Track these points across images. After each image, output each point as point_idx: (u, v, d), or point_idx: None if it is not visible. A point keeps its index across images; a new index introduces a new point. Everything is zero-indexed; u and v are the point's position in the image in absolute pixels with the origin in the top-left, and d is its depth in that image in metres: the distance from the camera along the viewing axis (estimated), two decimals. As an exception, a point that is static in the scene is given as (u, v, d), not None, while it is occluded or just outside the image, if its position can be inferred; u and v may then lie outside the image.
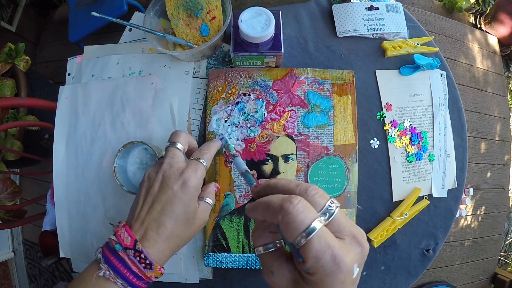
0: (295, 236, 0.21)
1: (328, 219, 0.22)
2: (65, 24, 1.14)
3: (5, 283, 1.30)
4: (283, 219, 0.21)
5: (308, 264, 0.21)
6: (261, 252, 0.26)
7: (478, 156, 1.36)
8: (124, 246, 0.29)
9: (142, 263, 0.28)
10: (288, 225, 0.21)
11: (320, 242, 0.20)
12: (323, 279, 0.20)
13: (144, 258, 0.28)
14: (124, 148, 0.40)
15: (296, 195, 0.22)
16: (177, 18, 0.43)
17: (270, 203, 0.23)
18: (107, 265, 0.28)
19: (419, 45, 0.49)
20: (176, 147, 0.34)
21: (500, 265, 1.41)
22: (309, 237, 0.20)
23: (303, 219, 0.21)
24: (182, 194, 0.31)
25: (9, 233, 1.36)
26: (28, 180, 1.38)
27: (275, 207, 0.22)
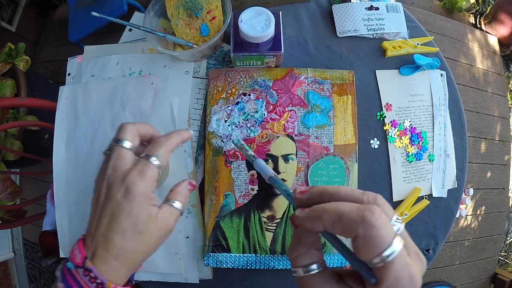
0: (375, 255, 0.18)
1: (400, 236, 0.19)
2: (65, 24, 1.14)
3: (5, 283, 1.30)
4: (365, 233, 0.18)
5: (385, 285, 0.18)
6: (301, 274, 0.21)
7: (478, 156, 1.36)
8: (75, 264, 0.25)
9: (93, 283, 0.25)
10: (370, 241, 0.18)
11: (401, 263, 0.18)
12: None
13: (94, 277, 0.25)
14: None
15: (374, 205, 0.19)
16: (177, 18, 0.43)
17: (345, 212, 0.19)
18: (63, 283, 0.25)
19: (419, 45, 0.49)
20: (121, 146, 0.28)
21: (500, 265, 1.41)
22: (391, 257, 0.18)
23: (386, 235, 0.18)
24: (126, 204, 0.26)
25: (9, 233, 1.36)
26: (28, 180, 1.38)
27: (353, 218, 0.18)
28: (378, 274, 0.19)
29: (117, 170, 0.27)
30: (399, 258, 0.18)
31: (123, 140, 0.29)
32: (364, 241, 0.18)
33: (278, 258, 0.42)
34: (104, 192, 0.27)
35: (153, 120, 0.45)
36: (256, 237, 0.42)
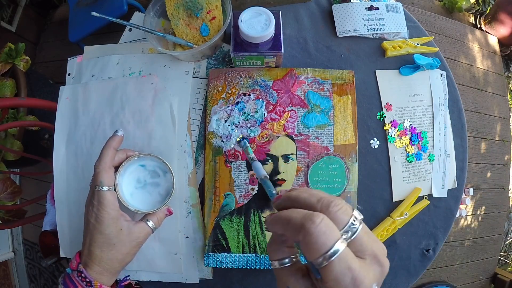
0: (315, 257, 0.20)
1: (350, 238, 0.21)
2: (65, 24, 1.14)
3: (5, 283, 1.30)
4: (304, 239, 0.20)
5: (327, 285, 0.20)
6: (277, 266, 0.25)
7: (478, 156, 1.36)
8: (72, 268, 0.36)
9: (84, 281, 0.34)
10: (309, 246, 0.20)
11: (341, 265, 0.20)
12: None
13: (84, 277, 0.34)
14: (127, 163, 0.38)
15: (318, 213, 0.21)
16: (177, 18, 0.43)
17: (291, 219, 0.21)
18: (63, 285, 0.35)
19: (419, 45, 0.49)
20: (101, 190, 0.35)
21: (500, 265, 1.41)
22: (331, 259, 0.20)
23: (325, 241, 0.20)
24: (98, 225, 0.35)
25: (9, 233, 1.36)
26: (28, 180, 1.38)
27: (296, 224, 0.21)
28: (322, 273, 0.20)
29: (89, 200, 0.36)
30: (337, 261, 0.20)
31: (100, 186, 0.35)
32: (304, 246, 0.20)
33: (278, 258, 0.42)
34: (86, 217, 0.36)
35: (152, 120, 0.45)
36: (256, 237, 0.42)
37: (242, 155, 0.44)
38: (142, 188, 0.40)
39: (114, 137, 0.38)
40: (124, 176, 0.39)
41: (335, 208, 0.22)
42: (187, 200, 0.44)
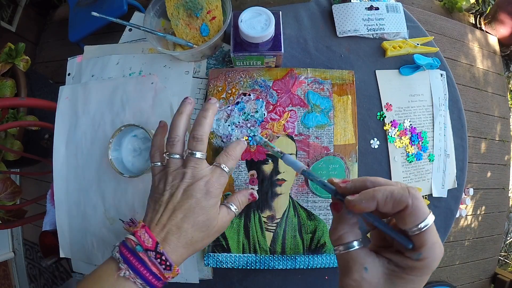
0: (419, 221, 0.22)
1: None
2: (65, 24, 1.14)
3: (5, 283, 1.30)
4: (413, 203, 0.22)
5: (423, 249, 0.23)
6: (344, 251, 0.26)
7: (478, 156, 1.36)
8: (145, 247, 0.29)
9: (163, 265, 0.29)
10: (417, 210, 0.22)
11: (434, 231, 0.23)
12: (431, 263, 0.23)
13: (165, 260, 0.29)
14: (114, 137, 0.41)
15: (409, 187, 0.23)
16: (177, 18, 0.43)
17: (395, 190, 0.23)
18: (127, 264, 0.29)
19: (419, 45, 0.49)
20: (198, 158, 0.33)
21: (500, 265, 1.41)
22: (428, 226, 0.22)
23: (425, 207, 0.23)
24: (204, 202, 0.32)
25: (9, 233, 1.36)
26: (28, 180, 1.38)
27: (402, 193, 0.23)
28: (416, 240, 0.23)
29: (195, 176, 0.33)
30: (432, 228, 0.23)
31: (196, 152, 0.34)
32: (412, 210, 0.22)
33: (278, 258, 0.42)
34: (181, 191, 0.32)
35: (153, 120, 0.45)
36: (256, 237, 0.42)
37: (242, 155, 0.44)
38: (139, 155, 0.43)
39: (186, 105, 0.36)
40: (122, 148, 0.43)
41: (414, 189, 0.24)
42: (187, 200, 0.44)
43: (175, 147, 0.34)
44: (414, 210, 0.22)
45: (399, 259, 0.24)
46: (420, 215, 0.22)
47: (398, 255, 0.24)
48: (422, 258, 0.23)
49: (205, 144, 0.34)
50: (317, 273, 0.44)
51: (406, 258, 0.24)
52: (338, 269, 0.27)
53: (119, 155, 0.43)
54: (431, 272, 0.24)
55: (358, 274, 0.24)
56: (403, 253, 0.24)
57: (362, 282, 0.24)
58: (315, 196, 0.43)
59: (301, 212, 0.43)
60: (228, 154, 0.36)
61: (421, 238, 0.23)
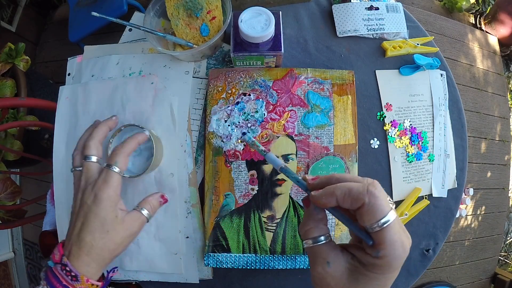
0: (376, 220, 0.23)
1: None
2: (65, 24, 1.14)
3: (5, 283, 1.30)
4: (369, 201, 0.23)
5: (381, 247, 0.23)
6: (311, 244, 0.26)
7: (478, 156, 1.36)
8: (54, 261, 0.31)
9: (69, 276, 0.30)
10: (373, 208, 0.23)
11: (395, 229, 0.23)
12: (391, 262, 0.23)
13: (69, 270, 0.30)
14: (114, 137, 0.41)
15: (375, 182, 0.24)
16: (177, 18, 0.43)
17: (353, 187, 0.24)
18: (46, 281, 0.30)
19: (419, 45, 0.49)
20: (89, 161, 0.35)
21: (500, 265, 1.41)
22: (387, 223, 0.23)
23: (385, 205, 0.23)
24: (94, 207, 0.32)
25: (9, 233, 1.36)
26: (28, 180, 1.38)
27: (360, 190, 0.23)
28: (376, 237, 0.23)
29: (87, 180, 0.34)
30: (393, 225, 0.23)
31: (88, 156, 0.35)
32: (369, 208, 0.23)
33: (278, 258, 0.42)
34: (79, 199, 0.33)
35: (153, 120, 0.45)
36: (256, 237, 0.42)
37: (242, 155, 0.44)
38: (139, 155, 0.42)
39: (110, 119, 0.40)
40: None
41: (379, 185, 0.24)
42: (187, 200, 0.44)
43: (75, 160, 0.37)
44: (370, 208, 0.23)
45: (361, 256, 0.25)
46: (377, 213, 0.23)
47: (360, 251, 0.25)
48: (381, 256, 0.23)
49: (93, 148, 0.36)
50: (317, 273, 0.44)
51: (366, 254, 0.24)
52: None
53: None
54: (395, 270, 0.24)
55: (321, 267, 0.25)
56: (365, 250, 0.25)
57: (325, 275, 0.25)
58: (315, 196, 0.43)
59: (301, 212, 0.43)
60: (114, 152, 0.35)
61: (380, 236, 0.23)
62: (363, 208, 0.23)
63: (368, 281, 0.24)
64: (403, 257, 0.23)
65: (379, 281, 0.24)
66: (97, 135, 0.37)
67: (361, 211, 0.23)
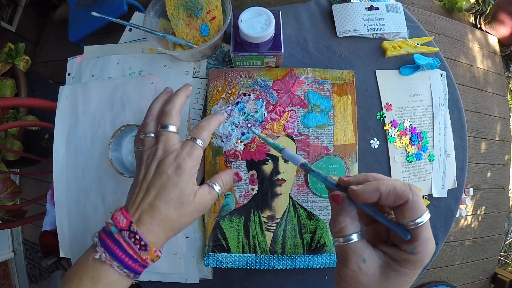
0: (416, 217, 0.24)
1: None
2: (65, 24, 1.14)
3: (5, 283, 1.30)
4: (413, 199, 0.24)
5: (417, 243, 0.24)
6: (342, 242, 0.26)
7: (478, 156, 1.36)
8: (119, 228, 0.29)
9: (137, 245, 0.28)
10: (415, 206, 0.24)
11: (429, 228, 0.24)
12: (424, 258, 0.24)
13: (139, 239, 0.28)
14: (114, 137, 0.41)
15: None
16: (177, 18, 0.43)
17: (397, 184, 0.24)
18: (103, 248, 0.28)
19: (419, 45, 0.49)
20: (169, 131, 0.33)
21: (500, 265, 1.41)
22: (424, 222, 0.24)
23: (423, 204, 0.24)
24: (176, 177, 0.31)
25: (9, 233, 1.36)
26: (28, 180, 1.38)
27: (404, 188, 0.24)
28: (412, 233, 0.24)
29: (167, 150, 0.32)
30: (428, 224, 0.24)
31: (169, 125, 0.34)
32: (412, 205, 0.24)
33: (278, 258, 0.42)
34: (154, 168, 0.32)
35: (153, 120, 0.45)
36: (256, 237, 0.42)
37: (242, 155, 0.44)
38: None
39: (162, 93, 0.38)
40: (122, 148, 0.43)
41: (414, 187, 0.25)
42: (187, 200, 0.44)
43: (148, 126, 0.35)
44: (413, 205, 0.24)
45: (394, 252, 0.25)
46: (419, 210, 0.24)
47: (393, 248, 0.26)
48: (416, 252, 0.24)
49: (174, 118, 0.34)
50: (317, 273, 0.44)
51: (401, 251, 0.25)
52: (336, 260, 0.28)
53: (119, 155, 0.43)
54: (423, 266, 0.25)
55: (356, 265, 0.25)
56: (398, 247, 0.25)
57: (359, 273, 0.25)
58: (315, 196, 0.43)
59: (301, 212, 0.43)
60: (200, 126, 0.35)
61: (416, 233, 0.24)
62: (406, 205, 0.24)
63: (400, 277, 0.25)
64: (432, 253, 0.24)
65: (408, 277, 0.25)
66: (178, 103, 0.35)
67: (403, 208, 0.24)
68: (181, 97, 0.36)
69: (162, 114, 0.35)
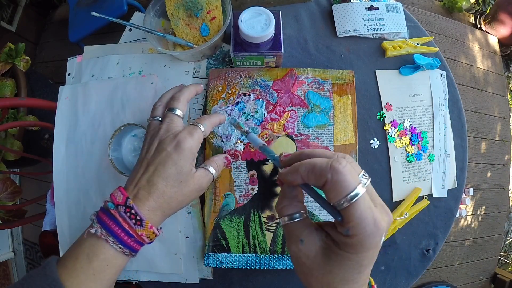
0: (341, 196, 0.21)
1: (364, 185, 0.22)
2: (65, 24, 1.14)
3: (5, 283, 1.30)
4: (332, 178, 0.22)
5: (350, 224, 0.22)
6: (286, 222, 0.26)
7: (478, 156, 1.36)
8: (116, 203, 0.29)
9: (133, 219, 0.28)
10: (337, 185, 0.22)
11: (364, 205, 0.21)
12: (363, 240, 0.22)
13: (135, 214, 0.28)
14: (114, 137, 0.41)
15: (340, 157, 0.23)
16: (177, 18, 0.43)
17: (317, 164, 0.23)
18: (99, 224, 0.29)
19: (419, 45, 0.49)
20: (174, 113, 0.35)
21: (500, 265, 1.41)
22: (355, 199, 0.21)
23: (350, 180, 0.21)
24: (175, 154, 0.31)
25: (9, 233, 1.36)
26: (28, 180, 1.38)
27: (323, 167, 0.22)
28: (344, 214, 0.22)
29: (169, 130, 0.33)
30: (362, 200, 0.21)
31: (175, 108, 0.35)
32: (332, 185, 0.22)
33: (278, 258, 0.42)
34: (155, 146, 0.32)
35: (153, 120, 0.45)
36: (256, 237, 0.42)
37: (242, 155, 0.44)
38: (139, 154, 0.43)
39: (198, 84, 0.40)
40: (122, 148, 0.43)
41: (350, 159, 0.24)
42: (187, 200, 0.44)
43: (157, 110, 0.36)
44: (333, 184, 0.22)
45: (334, 234, 0.24)
46: (341, 189, 0.21)
47: (334, 230, 0.24)
48: (351, 234, 0.22)
49: (182, 103, 0.35)
50: (317, 273, 0.44)
51: (338, 233, 0.23)
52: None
53: (119, 155, 0.43)
54: (369, 249, 0.22)
55: (294, 245, 0.25)
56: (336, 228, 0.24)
57: (299, 253, 0.25)
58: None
59: (301, 212, 0.43)
60: (202, 117, 0.37)
61: (347, 213, 0.22)
62: (327, 185, 0.22)
63: (342, 261, 0.23)
64: (377, 235, 0.22)
65: (352, 261, 0.23)
66: (187, 93, 0.37)
67: (325, 188, 0.22)
68: (191, 89, 0.38)
69: (171, 99, 0.36)
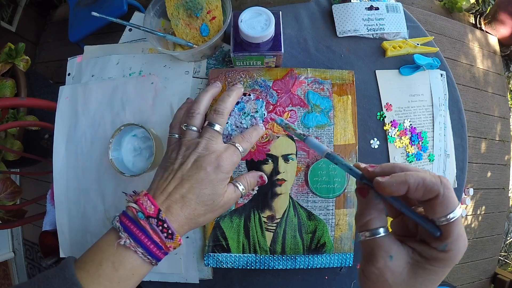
0: (447, 212, 0.22)
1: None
2: (65, 24, 1.14)
3: (5, 283, 1.30)
4: (444, 192, 0.22)
5: (449, 240, 0.22)
6: (369, 237, 0.25)
7: (478, 156, 1.36)
8: (146, 214, 0.29)
9: (164, 233, 0.29)
10: (446, 201, 0.22)
11: (460, 224, 0.22)
12: (456, 256, 0.23)
13: (167, 228, 0.29)
14: (114, 137, 0.42)
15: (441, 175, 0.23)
16: (177, 18, 0.43)
17: (426, 177, 0.22)
18: (127, 233, 0.28)
19: (419, 45, 0.49)
20: (214, 129, 0.34)
21: (500, 265, 1.41)
22: (456, 217, 0.22)
23: (455, 198, 0.22)
24: (213, 175, 0.31)
25: (9, 233, 1.36)
26: (28, 180, 1.38)
27: (434, 181, 0.22)
28: (443, 229, 0.22)
29: (209, 149, 0.33)
30: (460, 220, 0.22)
31: (215, 124, 0.34)
32: (443, 200, 0.22)
33: (278, 258, 0.42)
34: (191, 161, 0.32)
35: (153, 120, 0.45)
36: (256, 237, 0.42)
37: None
38: (139, 154, 0.43)
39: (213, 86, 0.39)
40: (122, 148, 0.43)
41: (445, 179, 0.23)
42: (187, 200, 0.44)
43: (194, 119, 0.35)
44: (444, 199, 0.22)
45: (424, 249, 0.24)
46: (450, 205, 0.22)
47: (423, 245, 0.24)
48: (447, 250, 0.22)
49: (224, 119, 0.35)
50: (317, 273, 0.44)
51: (431, 248, 0.23)
52: (361, 257, 0.26)
53: (119, 155, 0.43)
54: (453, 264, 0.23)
55: (382, 261, 0.24)
56: (429, 244, 0.23)
57: (385, 270, 0.24)
58: (315, 196, 0.43)
59: (301, 212, 0.43)
60: (243, 136, 0.36)
61: (448, 229, 0.22)
62: (437, 200, 0.22)
63: (428, 276, 0.23)
64: (463, 252, 0.23)
65: (437, 275, 0.23)
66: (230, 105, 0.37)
67: (433, 203, 0.22)
68: (234, 98, 0.37)
69: (214, 112, 0.35)
